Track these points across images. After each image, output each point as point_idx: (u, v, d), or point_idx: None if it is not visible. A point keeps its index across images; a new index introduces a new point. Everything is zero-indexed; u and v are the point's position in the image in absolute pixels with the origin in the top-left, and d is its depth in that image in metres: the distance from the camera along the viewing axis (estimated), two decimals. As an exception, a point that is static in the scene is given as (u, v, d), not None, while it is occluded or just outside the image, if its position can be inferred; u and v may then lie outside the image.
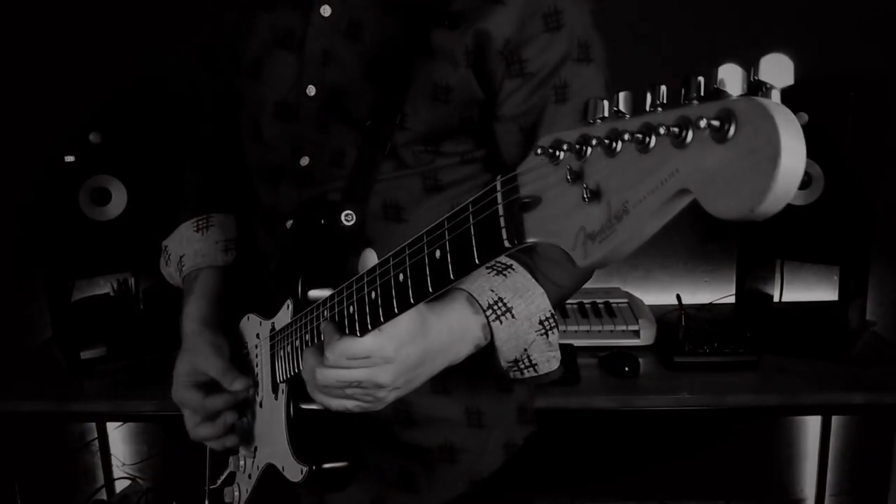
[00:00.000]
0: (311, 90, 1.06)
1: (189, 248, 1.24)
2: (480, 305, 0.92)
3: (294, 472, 0.99)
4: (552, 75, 0.99)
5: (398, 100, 1.00)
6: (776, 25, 2.26)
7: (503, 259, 0.96)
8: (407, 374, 0.87)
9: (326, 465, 0.98)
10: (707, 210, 0.45)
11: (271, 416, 1.07)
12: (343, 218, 0.98)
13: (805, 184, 1.96)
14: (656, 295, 2.39)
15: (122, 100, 2.09)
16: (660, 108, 0.49)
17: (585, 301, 2.20)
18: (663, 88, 0.49)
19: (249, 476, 1.13)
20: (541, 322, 0.95)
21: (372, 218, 1.03)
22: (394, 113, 1.00)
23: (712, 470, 2.55)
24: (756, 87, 0.45)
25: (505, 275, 0.94)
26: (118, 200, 2.06)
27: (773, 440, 2.55)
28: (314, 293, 0.97)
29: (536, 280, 0.96)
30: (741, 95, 0.44)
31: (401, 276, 0.76)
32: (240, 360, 1.15)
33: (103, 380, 1.98)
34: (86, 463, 2.59)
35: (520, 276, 0.95)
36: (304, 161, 1.07)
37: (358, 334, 0.83)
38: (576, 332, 2.04)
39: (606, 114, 0.53)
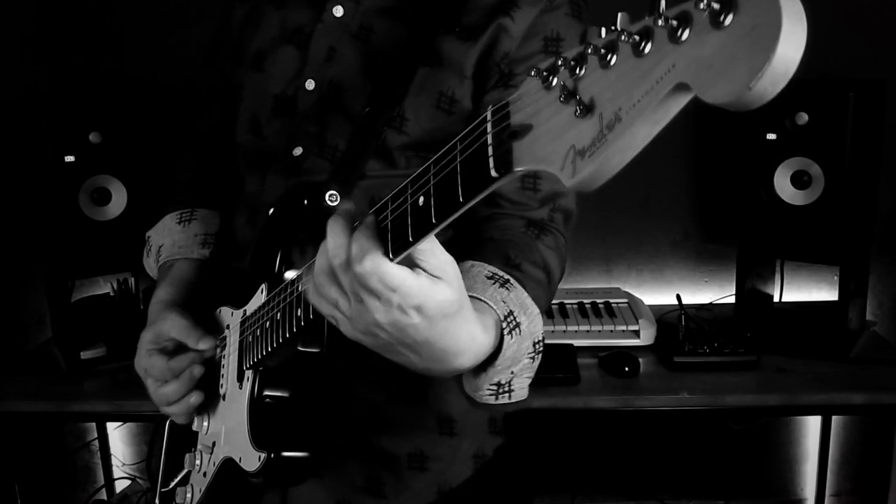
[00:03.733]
0: (311, 84, 1.07)
1: (168, 239, 1.24)
2: (499, 316, 0.86)
3: (251, 460, 0.96)
4: None
5: (397, 94, 1.00)
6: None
7: (499, 272, 0.93)
8: (393, 338, 0.75)
9: (285, 454, 0.96)
10: (703, 99, 0.44)
11: (233, 407, 1.04)
12: (327, 198, 0.95)
13: (805, 184, 1.96)
14: (656, 295, 2.39)
15: (122, 100, 2.09)
16: (659, 10, 0.48)
17: (585, 301, 2.20)
18: (664, 0, 0.48)
19: (204, 475, 1.10)
20: (534, 344, 0.90)
21: (359, 213, 1.03)
22: (391, 105, 1.00)
23: (712, 470, 2.55)
24: None
25: (507, 288, 0.91)
26: (118, 200, 2.06)
27: (773, 440, 2.55)
28: (291, 274, 0.93)
29: (531, 298, 0.93)
30: None
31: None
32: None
33: (103, 380, 1.98)
34: (86, 463, 2.60)
35: (520, 292, 0.92)
36: (297, 151, 1.07)
37: None
38: (576, 332, 2.04)
39: (604, 35, 0.51)
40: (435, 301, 0.72)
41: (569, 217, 1.07)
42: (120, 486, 2.59)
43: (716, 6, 0.43)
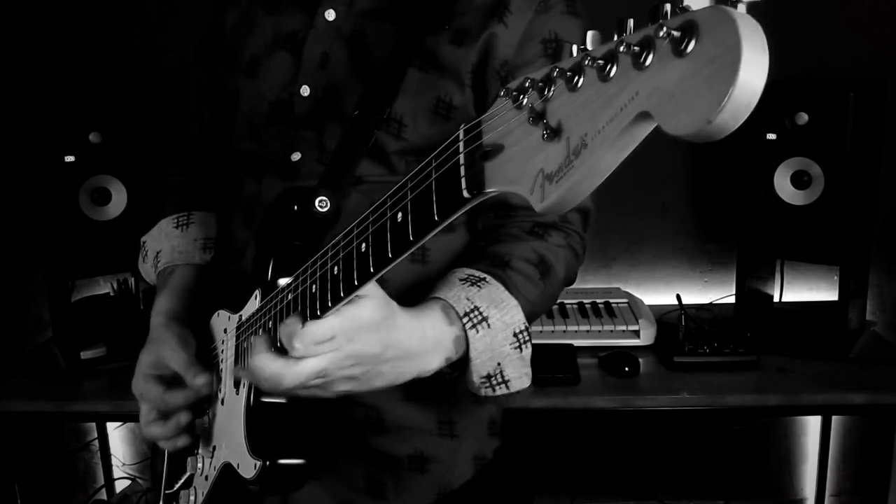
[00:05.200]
0: (305, 90, 1.07)
1: (166, 244, 1.23)
2: (457, 313, 0.90)
3: (248, 467, 0.97)
4: None
5: (387, 94, 0.99)
6: (776, 25, 2.26)
7: (476, 273, 0.96)
8: (365, 364, 0.84)
9: (282, 462, 0.95)
10: (666, 130, 0.43)
11: (231, 413, 1.04)
12: (317, 203, 0.95)
13: (805, 184, 1.96)
14: (656, 295, 2.39)
15: (122, 100, 2.09)
16: (623, 34, 0.47)
17: (585, 301, 2.20)
18: (631, 21, 0.47)
19: (206, 478, 1.10)
20: (515, 335, 0.93)
21: (358, 217, 1.04)
22: (381, 106, 1.00)
23: (712, 470, 2.55)
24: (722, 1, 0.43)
25: (479, 286, 0.94)
26: (118, 200, 2.06)
27: (773, 440, 2.55)
28: (284, 281, 0.93)
29: (510, 293, 0.95)
30: (705, 7, 0.43)
31: (363, 246, 0.74)
32: (206, 358, 1.13)
33: (103, 380, 1.99)
34: (86, 463, 2.60)
35: (494, 287, 0.94)
36: (296, 157, 1.07)
37: (318, 314, 0.81)
38: (576, 332, 2.04)
39: (575, 54, 0.51)
40: (367, 317, 0.82)
41: (587, 215, 1.09)
42: (120, 486, 2.59)
43: (676, 34, 0.42)
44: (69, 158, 1.98)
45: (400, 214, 0.69)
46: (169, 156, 1.36)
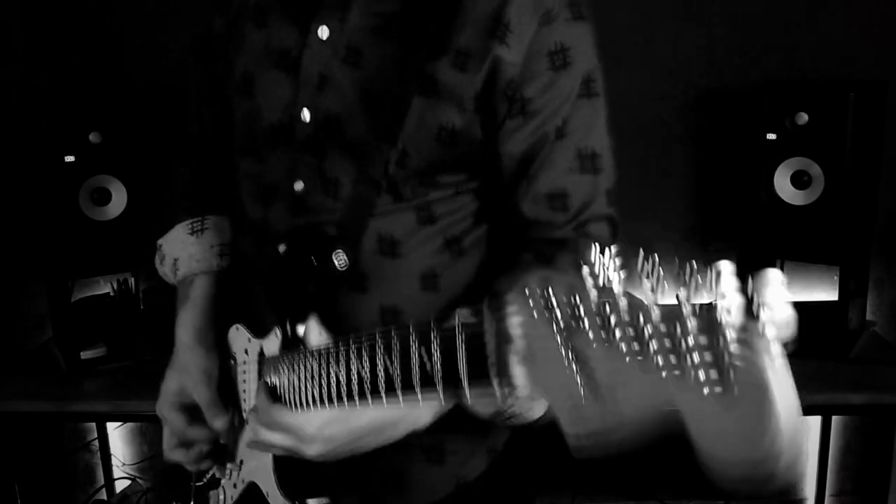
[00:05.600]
0: (306, 115, 1.03)
1: (183, 252, 1.22)
2: None
3: (278, 502, 1.02)
4: (555, 114, 0.98)
5: (395, 133, 0.98)
6: (776, 25, 2.27)
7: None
8: (338, 448, 0.91)
9: (310, 501, 1.01)
10: (697, 447, 0.47)
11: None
12: (335, 260, 0.98)
13: (805, 184, 1.96)
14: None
15: (122, 100, 2.09)
16: (654, 310, 0.47)
17: (585, 301, 2.20)
18: (660, 271, 0.49)
19: (235, 486, 1.12)
20: None
21: (370, 254, 1.02)
22: (390, 148, 0.98)
23: (712, 470, 2.55)
24: (752, 317, 0.46)
25: None
26: (118, 200, 2.06)
27: (773, 440, 2.55)
28: (302, 329, 0.99)
29: None
30: (739, 344, 0.45)
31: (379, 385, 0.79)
32: (226, 372, 1.14)
33: (103, 380, 1.99)
34: (86, 463, 2.60)
35: None
36: (299, 186, 1.04)
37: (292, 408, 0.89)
38: (576, 332, 2.03)
39: (598, 274, 0.51)
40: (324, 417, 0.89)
41: (615, 227, 1.06)
42: (120, 486, 2.59)
43: (712, 375, 0.44)
44: (69, 158, 1.98)
45: (427, 363, 0.72)
46: (169, 156, 1.36)
